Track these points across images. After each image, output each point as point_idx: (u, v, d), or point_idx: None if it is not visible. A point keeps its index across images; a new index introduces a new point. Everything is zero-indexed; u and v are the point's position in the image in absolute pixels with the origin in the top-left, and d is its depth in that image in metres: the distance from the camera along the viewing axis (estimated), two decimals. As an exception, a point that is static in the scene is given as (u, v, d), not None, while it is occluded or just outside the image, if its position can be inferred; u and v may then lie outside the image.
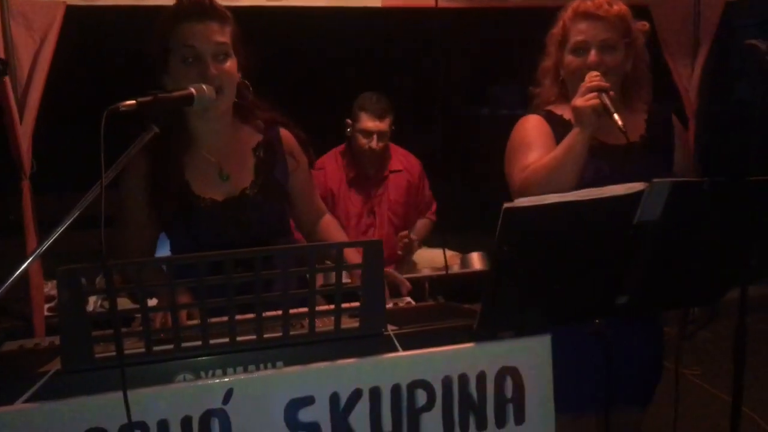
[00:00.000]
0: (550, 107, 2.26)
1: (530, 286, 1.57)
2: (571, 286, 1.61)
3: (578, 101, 2.03)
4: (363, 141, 3.43)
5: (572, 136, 2.05)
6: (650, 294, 1.72)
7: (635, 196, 1.52)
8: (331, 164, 3.56)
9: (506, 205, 1.42)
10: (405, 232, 3.51)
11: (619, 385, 2.21)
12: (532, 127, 2.22)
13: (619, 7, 2.14)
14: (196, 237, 1.96)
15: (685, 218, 1.61)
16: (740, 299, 1.93)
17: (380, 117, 3.42)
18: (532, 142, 2.18)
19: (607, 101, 2.00)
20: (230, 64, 1.90)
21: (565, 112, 2.18)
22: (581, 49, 2.12)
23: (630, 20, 2.16)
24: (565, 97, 2.19)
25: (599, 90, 2.00)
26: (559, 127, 2.17)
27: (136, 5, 2.96)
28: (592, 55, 2.10)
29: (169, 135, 1.88)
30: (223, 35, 1.89)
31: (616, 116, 1.97)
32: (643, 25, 2.23)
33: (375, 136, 3.42)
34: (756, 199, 1.67)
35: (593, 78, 2.03)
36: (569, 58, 2.16)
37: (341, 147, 3.61)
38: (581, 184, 2.03)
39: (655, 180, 1.52)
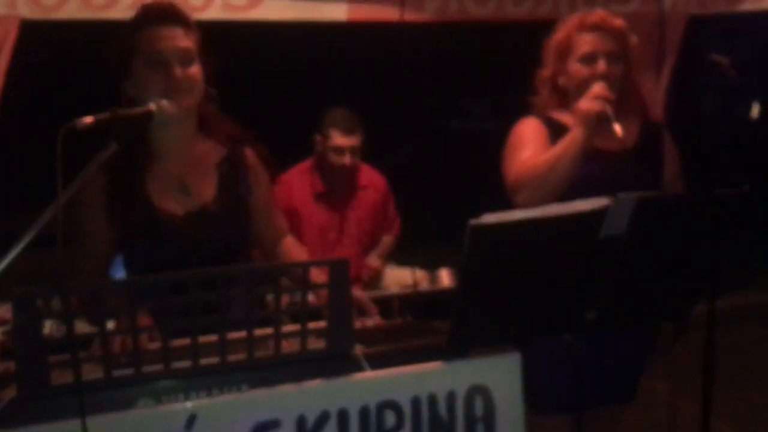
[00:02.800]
0: (549, 113, 2.34)
1: (499, 303, 1.56)
2: (540, 302, 1.61)
3: (584, 105, 2.13)
4: (335, 158, 3.38)
5: (571, 136, 2.15)
6: (619, 309, 1.72)
7: (600, 211, 1.53)
8: (297, 180, 3.51)
9: (472, 222, 1.41)
10: (373, 264, 3.47)
11: (606, 382, 2.26)
12: (529, 128, 2.31)
13: (619, 22, 2.26)
14: (154, 253, 1.92)
15: (651, 232, 1.62)
16: (708, 312, 1.94)
17: (351, 133, 3.38)
18: (529, 142, 2.27)
19: (610, 110, 2.10)
20: (195, 68, 1.89)
21: (562, 117, 2.27)
22: (589, 59, 2.21)
23: (627, 35, 2.27)
24: (564, 105, 2.28)
25: (605, 99, 2.11)
26: (555, 131, 2.25)
27: (94, 19, 2.91)
28: (601, 65, 2.20)
29: (130, 148, 1.84)
30: (189, 41, 1.88)
31: (616, 126, 2.08)
32: (635, 40, 2.34)
33: (348, 153, 3.38)
34: (720, 213, 1.69)
35: (602, 87, 2.14)
36: (576, 67, 2.24)
37: (307, 162, 3.57)
38: (574, 185, 2.13)
39: (620, 194, 1.53)
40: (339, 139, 3.36)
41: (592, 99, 2.13)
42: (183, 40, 1.86)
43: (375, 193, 3.60)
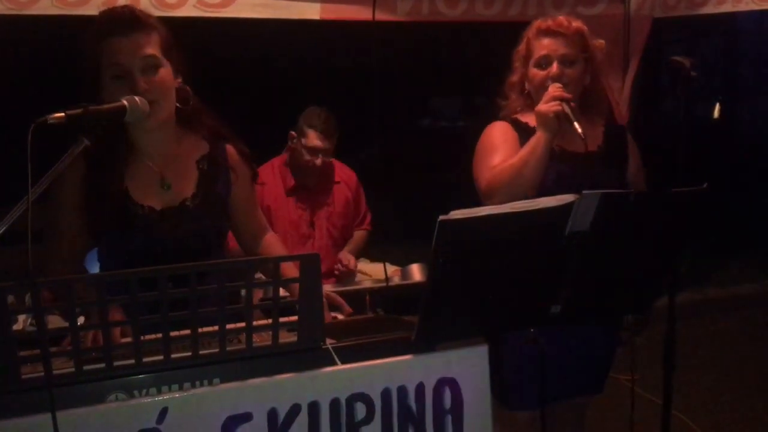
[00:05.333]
0: (517, 115, 2.40)
1: (466, 297, 1.59)
2: (507, 297, 1.64)
3: (542, 107, 2.20)
4: (307, 158, 3.40)
5: (535, 139, 2.21)
6: (583, 303, 1.76)
7: (566, 208, 1.56)
8: (269, 175, 3.52)
9: (441, 217, 1.44)
10: (344, 260, 3.49)
11: (573, 375, 2.31)
12: (499, 132, 2.36)
13: (577, 25, 2.32)
14: (130, 246, 1.92)
15: (614, 228, 1.66)
16: (669, 306, 2.00)
17: (329, 136, 3.39)
18: (499, 146, 2.32)
19: (568, 110, 2.17)
20: (162, 74, 1.86)
21: (530, 120, 2.31)
22: (544, 63, 2.28)
23: (588, 37, 2.33)
24: (531, 108, 2.33)
25: (562, 99, 2.18)
26: (524, 133, 2.31)
27: (66, 15, 2.89)
28: (555, 67, 2.26)
29: (110, 142, 1.83)
30: (150, 46, 1.84)
31: (576, 124, 2.15)
32: (600, 43, 2.41)
33: (321, 155, 3.40)
34: (680, 210, 1.74)
35: (557, 88, 2.21)
36: (533, 71, 2.31)
37: (280, 158, 3.58)
38: (545, 186, 2.20)
39: (585, 191, 1.56)
40: (315, 140, 3.37)
41: (549, 100, 2.19)
42: (144, 48, 1.83)
43: (346, 188, 3.62)
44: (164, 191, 1.96)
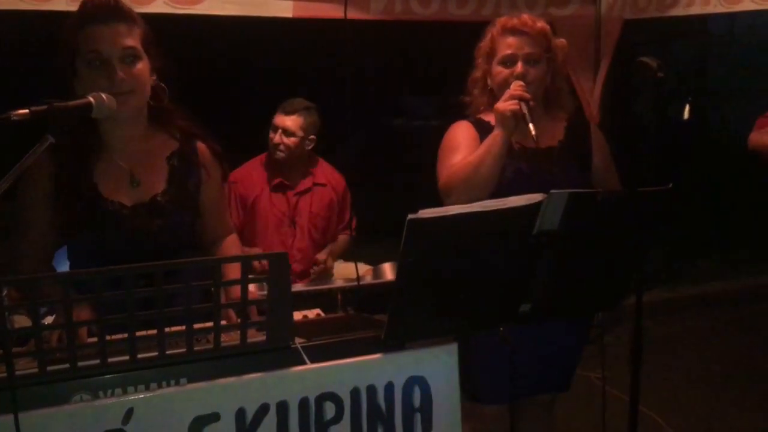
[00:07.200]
0: (480, 115, 2.42)
1: (436, 295, 1.60)
2: (476, 295, 1.65)
3: (500, 105, 2.22)
4: (271, 135, 3.44)
5: (492, 137, 2.23)
6: (552, 301, 1.77)
7: (535, 207, 1.58)
8: (254, 172, 3.53)
9: (410, 216, 1.44)
10: (321, 257, 3.49)
11: (541, 372, 2.33)
12: (460, 132, 2.38)
13: (541, 24, 2.34)
14: (101, 243, 1.90)
15: (583, 227, 1.67)
16: (636, 304, 2.02)
17: (287, 113, 3.43)
18: (459, 145, 2.34)
19: (526, 110, 2.18)
20: (140, 66, 1.86)
21: (492, 119, 2.32)
22: (509, 61, 2.30)
23: (551, 37, 2.35)
24: (493, 105, 2.32)
25: (521, 99, 2.19)
26: (485, 133, 2.31)
27: (59, 11, 2.85)
28: (519, 66, 2.28)
29: (79, 138, 1.83)
30: (131, 38, 1.84)
31: (531, 126, 2.16)
32: (562, 42, 2.42)
33: (280, 131, 3.42)
34: (647, 209, 1.76)
35: (517, 87, 2.22)
36: (498, 69, 2.32)
37: (263, 156, 3.59)
38: (503, 183, 2.22)
39: (553, 191, 1.57)
40: (276, 118, 3.43)
41: (508, 99, 2.20)
42: (125, 39, 1.83)
43: (332, 192, 3.62)
44: (134, 188, 1.95)
